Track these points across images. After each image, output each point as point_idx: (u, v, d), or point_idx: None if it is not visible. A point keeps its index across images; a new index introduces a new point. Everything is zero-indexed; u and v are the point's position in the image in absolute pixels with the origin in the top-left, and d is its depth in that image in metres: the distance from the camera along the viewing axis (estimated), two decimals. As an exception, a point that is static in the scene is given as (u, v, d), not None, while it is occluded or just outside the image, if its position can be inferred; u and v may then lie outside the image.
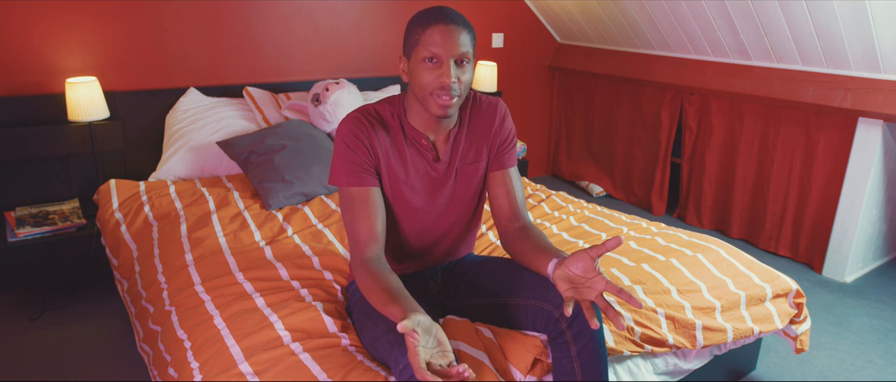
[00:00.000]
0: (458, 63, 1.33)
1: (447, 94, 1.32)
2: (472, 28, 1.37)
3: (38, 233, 2.36)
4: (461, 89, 1.34)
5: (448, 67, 1.30)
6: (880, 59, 2.55)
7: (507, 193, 1.51)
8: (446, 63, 1.31)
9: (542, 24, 4.15)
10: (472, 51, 1.35)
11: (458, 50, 1.31)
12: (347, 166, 1.38)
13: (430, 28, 1.31)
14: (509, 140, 1.53)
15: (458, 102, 1.36)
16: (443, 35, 1.30)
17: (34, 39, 2.54)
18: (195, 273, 1.76)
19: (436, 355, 1.10)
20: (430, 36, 1.31)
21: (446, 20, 1.32)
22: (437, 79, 1.31)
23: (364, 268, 1.31)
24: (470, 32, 1.35)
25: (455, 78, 1.31)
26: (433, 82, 1.32)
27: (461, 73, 1.33)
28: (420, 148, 1.45)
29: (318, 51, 3.26)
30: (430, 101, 1.34)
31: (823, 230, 2.95)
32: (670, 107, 3.55)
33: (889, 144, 2.77)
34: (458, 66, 1.33)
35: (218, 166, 2.68)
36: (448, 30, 1.30)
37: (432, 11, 1.34)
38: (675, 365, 1.70)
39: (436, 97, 1.32)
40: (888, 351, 2.31)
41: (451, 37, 1.30)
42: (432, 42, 1.31)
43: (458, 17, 1.34)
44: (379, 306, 1.23)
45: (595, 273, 1.20)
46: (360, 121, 1.40)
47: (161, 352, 1.54)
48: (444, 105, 1.33)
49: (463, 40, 1.31)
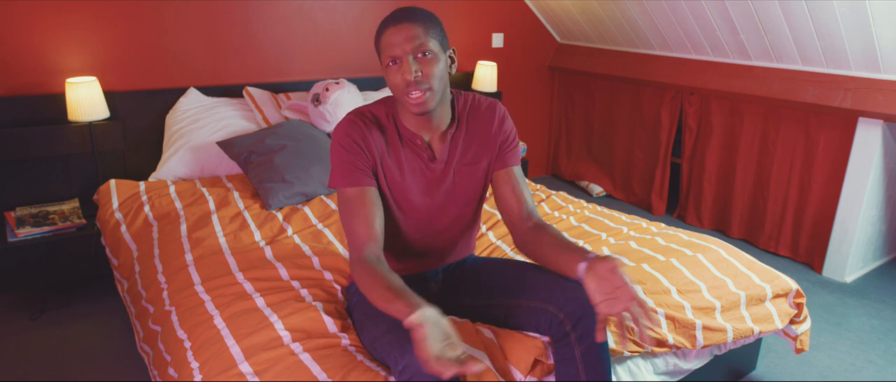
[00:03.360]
0: (418, 56, 1.32)
1: (415, 89, 1.31)
2: (431, 19, 1.36)
3: (38, 233, 2.36)
4: (430, 81, 1.32)
5: (407, 64, 1.30)
6: (880, 59, 2.55)
7: (514, 191, 1.50)
8: (405, 60, 1.31)
9: (542, 24, 4.15)
10: (436, 41, 1.34)
11: (412, 43, 1.31)
12: (343, 167, 1.39)
13: (385, 32, 1.33)
14: (511, 139, 1.53)
15: (434, 95, 1.34)
16: (395, 34, 1.31)
17: (34, 39, 2.54)
18: (195, 273, 1.76)
19: (445, 348, 1.10)
20: (386, 39, 1.33)
21: (396, 20, 1.32)
22: (401, 78, 1.32)
23: (363, 267, 1.31)
24: (426, 24, 1.33)
25: (415, 71, 1.30)
26: (400, 83, 1.32)
27: (423, 66, 1.32)
28: (415, 148, 1.45)
29: (318, 51, 3.26)
30: (405, 102, 1.34)
31: (823, 230, 2.95)
32: (670, 107, 3.55)
33: (889, 144, 2.77)
34: (419, 60, 1.32)
35: (218, 166, 2.68)
36: (399, 28, 1.31)
37: (388, 16, 1.35)
38: (675, 365, 1.70)
39: (406, 96, 1.33)
40: (888, 351, 2.31)
41: (403, 33, 1.30)
42: (388, 44, 1.32)
43: (413, 12, 1.34)
44: (381, 304, 1.22)
45: (623, 281, 1.19)
46: (354, 122, 1.40)
47: (161, 352, 1.54)
48: (415, 101, 1.32)
49: (416, 33, 1.31)
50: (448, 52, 1.40)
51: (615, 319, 1.21)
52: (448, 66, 1.40)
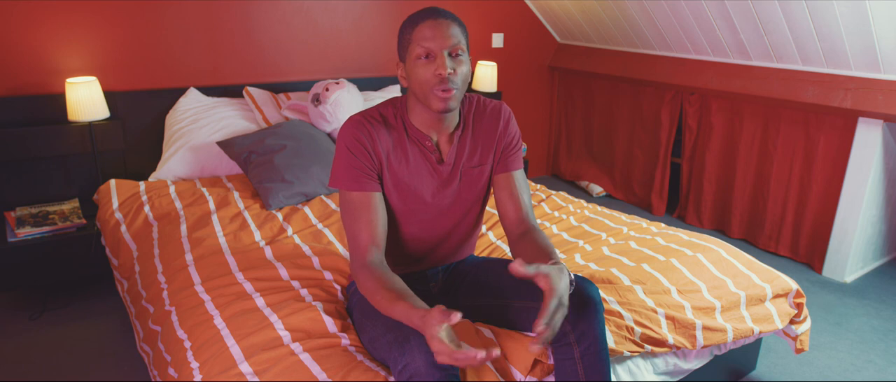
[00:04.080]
0: (452, 55, 1.33)
1: (446, 86, 1.32)
2: (462, 23, 1.39)
3: (38, 233, 2.36)
4: (459, 81, 1.34)
5: (443, 59, 1.31)
6: (880, 59, 2.54)
7: (511, 196, 1.50)
8: (440, 56, 1.31)
9: (542, 24, 4.15)
10: (465, 44, 1.36)
11: (450, 41, 1.32)
12: (349, 171, 1.38)
13: (420, 25, 1.33)
14: (514, 143, 1.53)
15: (458, 95, 1.36)
16: (433, 29, 1.32)
17: (34, 39, 2.54)
18: (195, 273, 1.76)
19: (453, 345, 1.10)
20: (421, 32, 1.33)
21: (434, 15, 1.34)
22: (433, 73, 1.32)
23: (366, 272, 1.31)
24: (460, 25, 1.36)
25: (451, 69, 1.31)
26: (431, 78, 1.32)
27: (456, 65, 1.33)
28: (423, 149, 1.45)
29: (318, 51, 3.26)
30: (431, 97, 1.34)
31: (823, 230, 2.95)
32: (670, 107, 3.55)
33: (889, 144, 2.77)
34: (453, 58, 1.33)
35: (218, 166, 2.68)
36: (437, 24, 1.32)
37: (420, 11, 1.36)
38: (675, 365, 1.70)
39: (436, 91, 1.33)
40: (888, 351, 2.31)
41: (441, 30, 1.31)
42: (423, 37, 1.32)
43: (446, 12, 1.36)
44: (384, 307, 1.23)
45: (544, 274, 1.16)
46: (362, 124, 1.40)
47: (161, 352, 1.54)
48: (444, 98, 1.33)
49: (453, 32, 1.33)
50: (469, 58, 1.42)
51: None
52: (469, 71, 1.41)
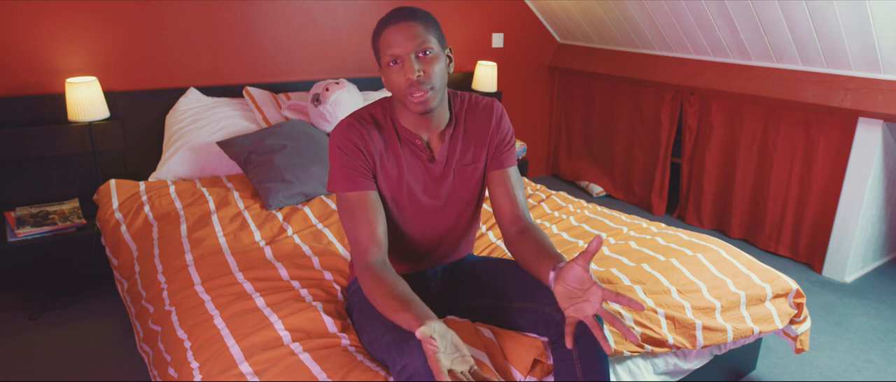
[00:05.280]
0: (420, 56, 1.32)
1: (417, 90, 1.31)
2: (430, 18, 1.36)
3: (38, 233, 2.36)
4: (432, 81, 1.32)
5: (410, 64, 1.30)
6: (880, 59, 2.54)
7: (506, 193, 1.50)
8: (407, 60, 1.30)
9: (542, 24, 4.15)
10: (436, 41, 1.34)
11: (415, 43, 1.30)
12: (343, 172, 1.38)
13: (384, 32, 1.32)
14: (507, 140, 1.52)
15: (435, 94, 1.34)
16: (395, 34, 1.30)
17: (34, 39, 2.54)
18: (195, 273, 1.76)
19: (456, 360, 1.10)
20: (386, 39, 1.32)
21: (396, 19, 1.32)
22: (403, 78, 1.31)
23: (369, 274, 1.31)
24: (426, 23, 1.33)
25: (419, 71, 1.30)
26: (402, 83, 1.32)
27: (426, 65, 1.31)
28: (414, 148, 1.44)
29: (318, 51, 3.26)
30: (407, 101, 1.33)
31: (823, 230, 2.95)
32: (670, 107, 3.55)
33: (889, 144, 2.77)
34: (421, 59, 1.32)
35: (218, 166, 2.68)
36: (399, 28, 1.30)
37: (386, 15, 1.35)
38: (675, 365, 1.70)
39: (409, 96, 1.32)
40: (888, 351, 2.31)
41: (404, 33, 1.30)
42: (388, 44, 1.31)
43: (412, 11, 1.34)
44: (389, 313, 1.22)
45: (590, 282, 1.16)
46: (352, 125, 1.40)
47: (161, 352, 1.54)
48: (418, 101, 1.32)
49: (417, 32, 1.30)
50: (446, 51, 1.40)
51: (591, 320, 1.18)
52: (447, 65, 1.39)
